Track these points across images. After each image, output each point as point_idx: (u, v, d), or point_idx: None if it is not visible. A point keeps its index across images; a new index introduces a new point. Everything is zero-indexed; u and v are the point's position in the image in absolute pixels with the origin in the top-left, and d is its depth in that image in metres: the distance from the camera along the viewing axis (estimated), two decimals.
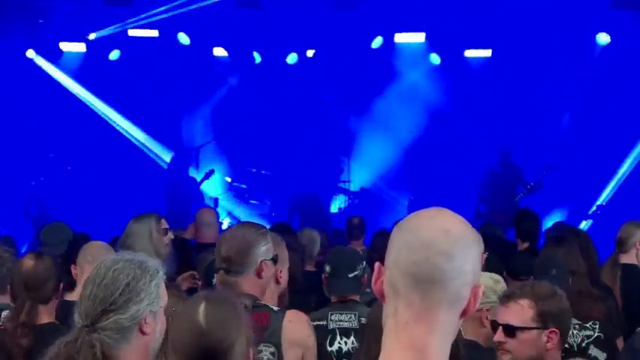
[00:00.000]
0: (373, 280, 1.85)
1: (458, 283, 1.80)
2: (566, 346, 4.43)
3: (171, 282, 4.65)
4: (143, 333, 2.69)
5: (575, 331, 4.43)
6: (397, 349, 1.79)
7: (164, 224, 5.62)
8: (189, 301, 2.79)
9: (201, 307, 2.64)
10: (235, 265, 3.53)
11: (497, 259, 5.40)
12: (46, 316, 3.89)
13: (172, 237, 5.65)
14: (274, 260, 3.61)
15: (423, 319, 1.78)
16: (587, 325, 4.48)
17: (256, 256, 3.54)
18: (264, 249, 3.57)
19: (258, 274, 3.55)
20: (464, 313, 1.82)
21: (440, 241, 1.80)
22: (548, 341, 3.36)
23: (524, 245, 7.00)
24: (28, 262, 3.95)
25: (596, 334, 4.44)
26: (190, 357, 2.61)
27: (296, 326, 3.56)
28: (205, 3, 12.69)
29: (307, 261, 6.37)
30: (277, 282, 3.78)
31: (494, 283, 3.93)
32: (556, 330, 3.36)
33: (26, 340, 3.71)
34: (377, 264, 1.86)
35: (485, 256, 4.38)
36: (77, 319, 2.69)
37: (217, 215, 7.70)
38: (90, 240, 6.02)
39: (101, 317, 2.65)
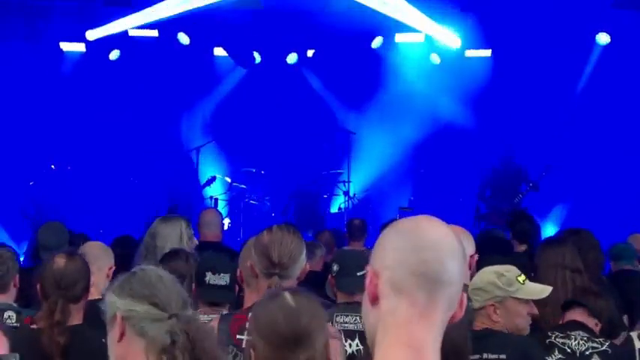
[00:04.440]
0: (368, 282, 1.87)
1: (455, 288, 1.86)
2: (569, 351, 4.45)
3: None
4: None
5: (582, 341, 4.44)
6: (395, 347, 1.81)
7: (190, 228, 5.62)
8: (268, 295, 2.80)
9: (287, 295, 2.67)
10: (288, 270, 3.61)
11: (500, 259, 5.41)
12: (76, 315, 3.90)
13: (197, 242, 5.64)
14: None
15: (425, 319, 1.82)
16: (597, 340, 4.49)
17: (303, 261, 3.67)
18: (305, 252, 3.70)
19: (299, 278, 3.66)
20: (452, 318, 1.88)
21: (447, 242, 1.86)
22: None
23: (521, 247, 7.00)
24: (60, 261, 3.92)
25: (603, 348, 4.45)
26: (281, 339, 2.60)
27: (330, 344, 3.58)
28: (205, 3, 12.68)
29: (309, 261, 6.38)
30: None
31: (497, 277, 3.92)
32: None
33: (63, 338, 3.73)
34: (370, 268, 1.88)
35: (476, 257, 4.38)
36: None
37: (220, 215, 7.73)
38: (89, 240, 6.03)
39: None
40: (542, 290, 4.01)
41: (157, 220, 5.52)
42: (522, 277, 3.95)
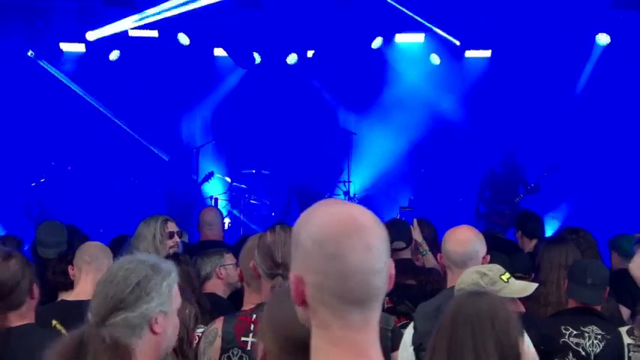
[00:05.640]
0: (293, 291, 1.82)
1: (386, 281, 1.82)
2: (583, 354, 4.41)
3: None
4: (153, 332, 2.72)
5: (596, 341, 4.41)
6: (336, 355, 1.77)
7: (171, 227, 5.61)
8: (278, 294, 2.74)
9: None
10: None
11: (505, 257, 5.44)
12: (19, 319, 3.73)
13: (178, 240, 5.63)
14: None
15: (363, 331, 1.78)
16: (610, 337, 4.46)
17: None
18: None
19: None
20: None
21: (369, 261, 1.77)
22: None
23: (530, 245, 7.00)
24: None
25: None
26: (291, 341, 2.52)
27: None
28: (205, 3, 12.67)
29: None
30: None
31: (480, 277, 3.81)
32: None
33: None
34: (293, 275, 1.82)
35: (488, 258, 4.36)
36: (88, 316, 2.71)
37: (220, 214, 7.72)
38: (89, 240, 6.04)
39: (111, 314, 2.67)
40: (525, 288, 3.91)
41: (141, 221, 5.61)
42: (506, 276, 3.84)
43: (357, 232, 1.78)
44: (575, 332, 4.43)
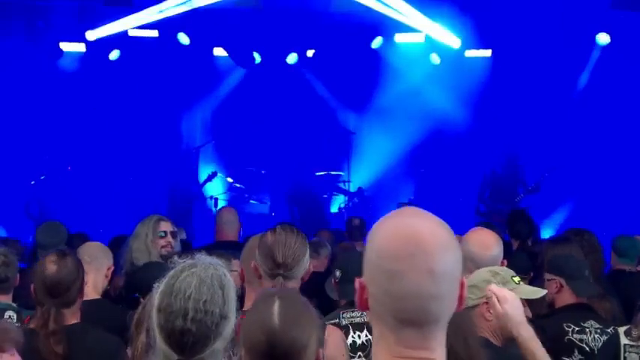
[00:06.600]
0: (358, 297, 1.81)
1: (450, 305, 1.77)
2: (587, 349, 4.43)
3: None
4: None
5: (596, 335, 4.42)
6: None
7: (164, 227, 5.61)
8: (260, 299, 2.71)
9: (275, 306, 2.58)
10: (293, 271, 3.63)
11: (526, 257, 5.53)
12: (71, 317, 3.84)
13: (171, 240, 5.62)
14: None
15: (420, 348, 1.75)
16: (608, 331, 4.48)
17: (307, 262, 3.68)
18: (308, 253, 3.71)
19: (303, 279, 3.68)
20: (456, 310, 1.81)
21: (427, 286, 1.72)
22: None
23: (515, 244, 7.11)
24: (51, 267, 3.81)
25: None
26: (264, 356, 2.54)
27: (332, 343, 3.53)
28: (205, 3, 12.68)
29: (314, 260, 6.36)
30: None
31: (492, 275, 3.84)
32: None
33: (60, 346, 3.67)
34: (358, 281, 1.81)
35: (505, 262, 4.38)
36: (164, 348, 2.57)
37: (237, 215, 7.67)
38: (88, 240, 6.06)
39: (200, 350, 2.56)
40: (535, 291, 3.92)
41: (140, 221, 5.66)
42: (517, 279, 3.85)
43: (423, 254, 1.72)
44: (577, 329, 4.45)
